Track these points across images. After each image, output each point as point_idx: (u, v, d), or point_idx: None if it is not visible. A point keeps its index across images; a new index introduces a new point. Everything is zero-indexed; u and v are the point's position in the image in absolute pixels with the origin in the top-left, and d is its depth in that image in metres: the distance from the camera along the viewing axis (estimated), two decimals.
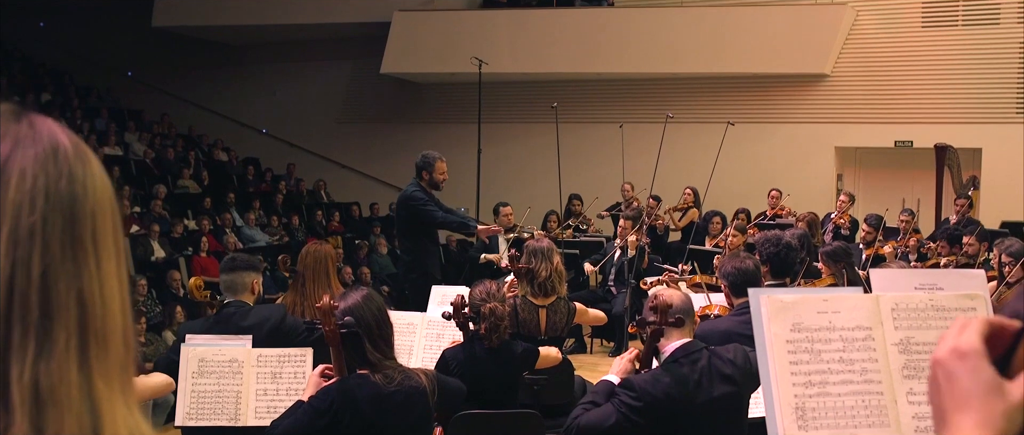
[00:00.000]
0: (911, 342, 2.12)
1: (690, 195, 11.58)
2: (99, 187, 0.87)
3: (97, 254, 0.85)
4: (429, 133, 15.28)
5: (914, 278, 2.34)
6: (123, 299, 0.88)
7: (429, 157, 7.35)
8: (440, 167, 7.30)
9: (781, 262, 5.33)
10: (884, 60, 12.63)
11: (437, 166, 7.29)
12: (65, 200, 0.83)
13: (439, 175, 7.30)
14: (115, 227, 0.89)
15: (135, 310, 4.45)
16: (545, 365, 4.39)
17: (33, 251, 0.80)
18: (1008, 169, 11.64)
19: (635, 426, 3.26)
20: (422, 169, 7.32)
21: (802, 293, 2.16)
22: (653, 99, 13.79)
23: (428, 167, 7.30)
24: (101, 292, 0.84)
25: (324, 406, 3.02)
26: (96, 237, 0.85)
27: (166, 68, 17.00)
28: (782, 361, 2.08)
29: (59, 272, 0.81)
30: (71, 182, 0.84)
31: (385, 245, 12.97)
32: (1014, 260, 5.55)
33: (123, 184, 12.45)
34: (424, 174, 7.30)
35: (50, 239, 0.81)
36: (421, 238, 7.36)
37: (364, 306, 3.11)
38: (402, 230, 7.67)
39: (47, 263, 0.80)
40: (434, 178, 7.29)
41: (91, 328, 0.83)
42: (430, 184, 7.32)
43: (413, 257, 7.38)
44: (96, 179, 0.87)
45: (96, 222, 0.85)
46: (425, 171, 7.30)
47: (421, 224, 7.29)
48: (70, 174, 0.84)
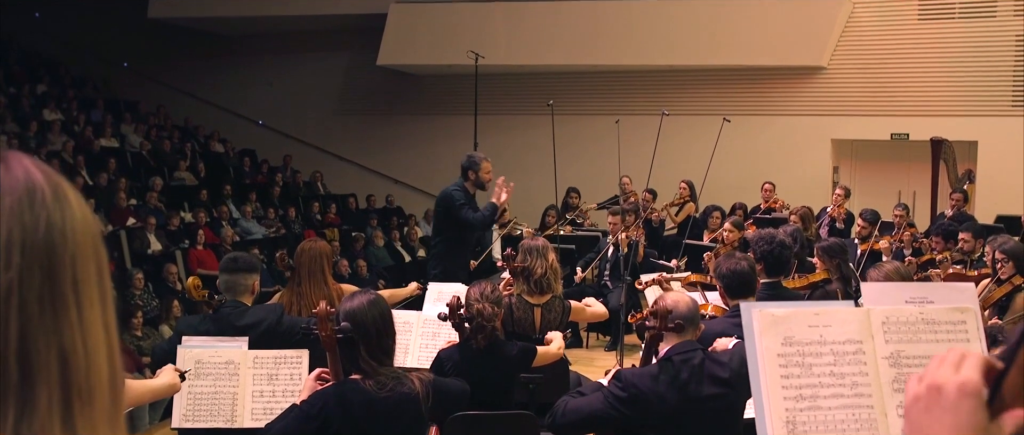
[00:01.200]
0: (901, 356, 2.14)
1: (685, 189, 11.58)
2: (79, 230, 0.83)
3: (79, 303, 0.82)
4: (426, 125, 15.32)
5: (905, 291, 2.36)
6: (109, 345, 0.85)
7: (475, 158, 7.31)
8: (486, 167, 7.25)
9: (775, 260, 5.37)
10: (880, 53, 12.64)
11: (483, 166, 7.25)
12: (42, 252, 0.79)
13: (485, 175, 7.26)
14: (98, 269, 0.86)
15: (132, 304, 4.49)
16: (545, 362, 4.37)
17: (9, 311, 0.77)
18: (1004, 162, 11.66)
19: (620, 416, 3.30)
20: (468, 169, 7.28)
21: (793, 307, 2.18)
22: (649, 92, 13.80)
23: (474, 167, 7.26)
24: (84, 344, 0.81)
25: (313, 411, 3.04)
26: (77, 286, 0.82)
27: (162, 59, 16.97)
28: (773, 375, 2.10)
29: (38, 330, 0.78)
30: (49, 230, 0.80)
31: (382, 237, 12.98)
32: (1007, 257, 5.57)
33: (119, 176, 12.45)
34: (470, 174, 7.26)
35: (27, 296, 0.78)
36: (452, 239, 7.36)
37: (367, 311, 3.11)
38: (437, 226, 7.67)
39: (25, 322, 0.77)
40: (480, 178, 7.24)
41: (74, 384, 0.80)
42: (476, 184, 7.28)
43: (441, 254, 7.41)
44: (76, 221, 0.83)
45: (77, 269, 0.82)
46: (471, 171, 7.26)
47: (455, 224, 7.29)
48: (48, 221, 0.80)
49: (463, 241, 7.47)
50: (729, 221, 8.31)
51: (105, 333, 0.85)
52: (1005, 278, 5.45)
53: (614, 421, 3.30)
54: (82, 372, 0.81)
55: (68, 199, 0.84)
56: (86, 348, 0.82)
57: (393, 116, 15.66)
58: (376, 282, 11.27)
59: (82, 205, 0.85)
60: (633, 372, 3.36)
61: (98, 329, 0.84)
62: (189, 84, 16.87)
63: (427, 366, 4.23)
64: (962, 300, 2.26)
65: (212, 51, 16.70)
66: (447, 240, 7.36)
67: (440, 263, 7.35)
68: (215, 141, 15.68)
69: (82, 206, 0.85)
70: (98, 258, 0.86)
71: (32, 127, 13.10)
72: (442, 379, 3.34)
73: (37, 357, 0.78)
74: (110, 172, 12.45)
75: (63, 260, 0.81)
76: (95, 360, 0.82)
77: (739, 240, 7.90)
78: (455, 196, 7.16)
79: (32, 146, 12.59)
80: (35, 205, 0.80)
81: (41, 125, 13.34)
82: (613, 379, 3.37)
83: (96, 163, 12.74)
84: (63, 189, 0.84)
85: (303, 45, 16.04)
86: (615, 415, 3.28)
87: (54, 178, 0.84)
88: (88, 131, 13.80)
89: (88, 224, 0.85)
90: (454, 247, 7.33)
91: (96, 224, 0.87)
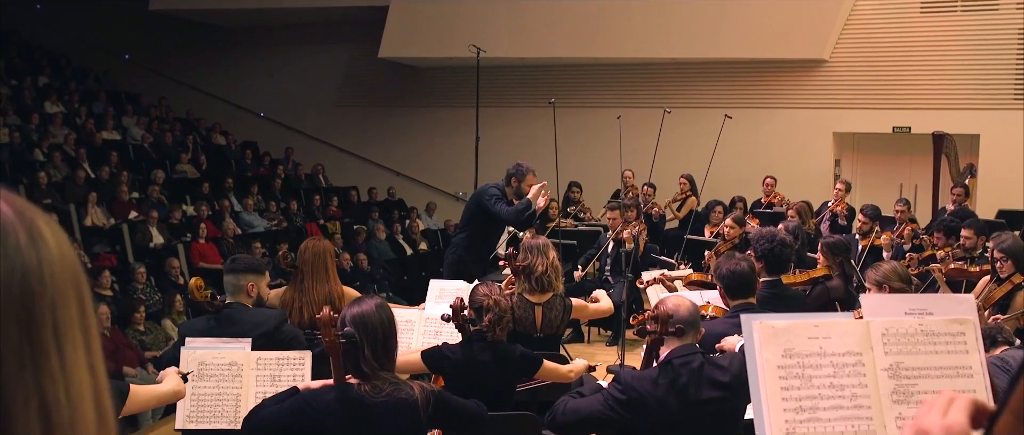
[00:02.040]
0: (900, 367, 2.15)
1: (686, 183, 11.58)
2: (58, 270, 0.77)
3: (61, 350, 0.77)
4: (427, 117, 15.32)
5: (904, 303, 2.37)
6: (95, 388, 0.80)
7: (523, 168, 7.25)
8: (530, 180, 7.21)
9: (776, 258, 5.40)
10: (883, 46, 12.62)
11: (528, 178, 7.19)
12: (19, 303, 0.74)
13: (527, 188, 7.23)
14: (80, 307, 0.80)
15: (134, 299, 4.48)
16: (553, 378, 4.35)
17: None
18: (1006, 156, 11.66)
19: (619, 418, 3.31)
20: (512, 176, 7.24)
21: (793, 319, 2.19)
22: (651, 85, 13.81)
23: (519, 176, 7.20)
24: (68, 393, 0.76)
25: (305, 407, 3.07)
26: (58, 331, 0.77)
27: (164, 51, 16.97)
28: (773, 387, 2.12)
29: (16, 388, 0.73)
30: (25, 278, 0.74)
31: (383, 230, 12.99)
32: (1005, 256, 5.59)
33: (121, 169, 12.47)
34: (513, 181, 7.22)
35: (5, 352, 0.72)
36: (477, 237, 7.35)
37: (376, 313, 3.13)
38: (465, 219, 7.65)
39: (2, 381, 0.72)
40: (522, 188, 7.19)
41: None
42: (516, 193, 7.26)
43: (461, 244, 7.41)
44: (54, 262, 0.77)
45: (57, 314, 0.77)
46: (515, 178, 7.21)
47: (484, 219, 7.28)
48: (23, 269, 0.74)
49: (487, 239, 7.45)
50: (730, 217, 8.31)
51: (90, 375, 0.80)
52: (1005, 276, 5.46)
53: (613, 423, 3.32)
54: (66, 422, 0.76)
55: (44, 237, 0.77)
56: (69, 397, 0.76)
57: (395, 108, 15.65)
58: (376, 278, 11.31)
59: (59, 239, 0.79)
60: (633, 375, 3.38)
61: (82, 373, 0.79)
62: (191, 76, 16.87)
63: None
64: (961, 312, 2.27)
65: (214, 43, 16.70)
66: (471, 235, 7.36)
67: (456, 252, 7.35)
68: (217, 133, 15.68)
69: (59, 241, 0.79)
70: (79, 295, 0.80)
71: (34, 120, 13.11)
72: (455, 398, 3.31)
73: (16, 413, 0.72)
74: (112, 165, 12.46)
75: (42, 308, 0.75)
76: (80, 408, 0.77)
77: (740, 236, 7.90)
78: (491, 192, 7.14)
79: (34, 139, 12.62)
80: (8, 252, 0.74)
81: (43, 118, 13.36)
82: (613, 381, 3.39)
83: (98, 156, 12.75)
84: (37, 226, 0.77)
85: (305, 37, 16.04)
86: (614, 417, 3.30)
87: (28, 214, 0.77)
88: (90, 124, 13.81)
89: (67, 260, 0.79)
90: (476, 242, 7.33)
91: (75, 258, 0.80)
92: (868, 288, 4.79)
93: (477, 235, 7.30)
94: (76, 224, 10.95)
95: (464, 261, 7.10)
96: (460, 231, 7.64)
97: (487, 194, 7.15)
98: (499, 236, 7.58)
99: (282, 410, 3.13)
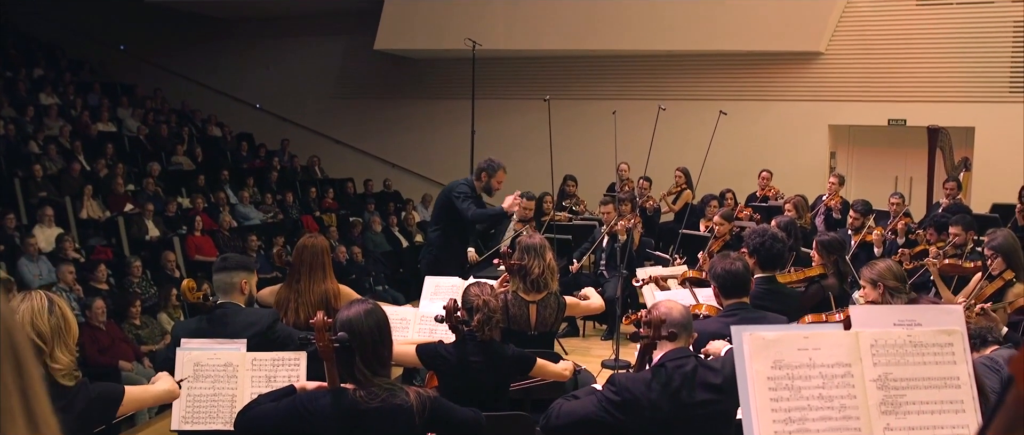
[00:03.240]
0: (889, 378, 2.17)
1: (681, 176, 11.60)
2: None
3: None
4: (423, 109, 15.31)
5: (893, 314, 2.39)
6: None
7: (494, 163, 7.33)
8: (500, 176, 7.29)
9: (767, 253, 5.44)
10: (878, 38, 12.62)
11: (498, 175, 7.28)
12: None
13: (496, 183, 7.30)
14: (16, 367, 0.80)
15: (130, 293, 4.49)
16: (546, 377, 4.37)
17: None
18: (1001, 149, 11.68)
19: (613, 420, 3.34)
20: (483, 171, 7.31)
21: (784, 330, 2.21)
22: (647, 77, 13.81)
23: (490, 172, 7.28)
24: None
25: (299, 409, 3.10)
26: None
27: (159, 42, 16.93)
28: (763, 397, 2.13)
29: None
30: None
31: (379, 223, 13.00)
32: (995, 253, 5.62)
33: (117, 161, 12.46)
34: (483, 175, 7.29)
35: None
36: (451, 234, 7.38)
37: (365, 319, 3.14)
38: (436, 217, 7.68)
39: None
40: (491, 184, 7.27)
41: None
42: (485, 188, 7.32)
43: (437, 248, 7.44)
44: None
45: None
46: (484, 173, 7.29)
47: (455, 216, 7.31)
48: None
49: (461, 235, 7.48)
50: (718, 214, 8.31)
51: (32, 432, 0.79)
52: (996, 273, 5.49)
53: (607, 425, 3.34)
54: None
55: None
56: None
57: (390, 100, 15.64)
58: (370, 273, 11.31)
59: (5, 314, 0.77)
60: (627, 377, 3.41)
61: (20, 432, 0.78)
62: (186, 67, 16.83)
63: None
64: (949, 322, 2.29)
65: (209, 34, 16.66)
66: (444, 231, 7.39)
67: (432, 251, 7.39)
68: (212, 125, 15.67)
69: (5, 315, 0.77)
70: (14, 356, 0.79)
71: (29, 112, 13.08)
72: (452, 405, 3.31)
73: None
74: (107, 157, 12.45)
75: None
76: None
77: (731, 232, 7.92)
78: (460, 189, 7.19)
79: (29, 131, 12.59)
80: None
81: (38, 109, 13.33)
82: (607, 383, 3.42)
83: (93, 148, 12.73)
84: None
85: (300, 29, 16.01)
86: (608, 419, 3.33)
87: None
88: (85, 115, 13.78)
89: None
90: (450, 239, 7.36)
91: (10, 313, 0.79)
92: (863, 285, 4.82)
93: (450, 231, 7.33)
94: (72, 217, 10.95)
95: (441, 261, 7.12)
96: (432, 227, 7.67)
97: (456, 191, 7.20)
98: (472, 230, 7.57)
99: (278, 410, 3.15)
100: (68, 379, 3.05)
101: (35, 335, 3.00)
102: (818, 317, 4.95)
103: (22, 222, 10.38)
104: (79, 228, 10.84)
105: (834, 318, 4.82)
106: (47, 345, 3.02)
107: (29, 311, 3.03)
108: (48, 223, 10.12)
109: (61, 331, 3.06)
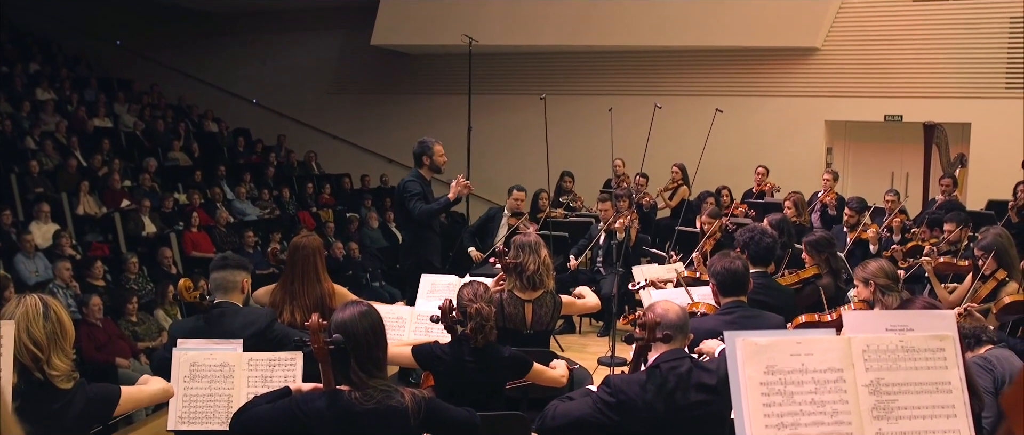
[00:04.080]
0: (881, 383, 2.19)
1: (678, 172, 11.62)
2: None
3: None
4: (420, 104, 15.31)
5: (885, 319, 2.40)
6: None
7: (426, 143, 7.35)
8: (438, 150, 7.31)
9: (756, 247, 5.54)
10: (875, 34, 12.63)
11: (435, 150, 7.30)
12: None
13: (439, 158, 7.32)
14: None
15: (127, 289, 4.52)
16: (542, 381, 4.36)
17: None
18: (997, 145, 11.70)
19: (608, 421, 3.36)
20: (421, 155, 7.32)
21: (777, 336, 2.22)
22: (643, 72, 13.82)
23: (427, 152, 7.31)
24: None
25: (295, 411, 3.11)
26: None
27: (155, 37, 16.90)
28: (755, 403, 2.15)
29: None
30: None
31: (376, 218, 13.00)
32: (985, 253, 5.64)
33: (113, 157, 12.45)
34: (424, 159, 7.31)
35: None
36: (422, 233, 7.39)
37: (360, 321, 3.15)
38: (400, 221, 7.70)
39: None
40: (434, 162, 7.30)
41: None
42: (432, 168, 7.32)
43: (412, 243, 7.45)
44: None
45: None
46: (425, 156, 7.31)
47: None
48: None
49: (433, 230, 7.48)
50: (705, 214, 8.32)
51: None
52: (989, 274, 5.50)
53: (602, 426, 3.35)
54: None
55: None
56: None
57: (387, 95, 15.64)
58: (367, 267, 11.31)
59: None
60: (622, 378, 3.42)
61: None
62: (183, 62, 16.82)
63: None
64: (941, 328, 2.30)
65: (206, 29, 16.63)
66: (414, 232, 7.40)
67: (411, 255, 7.39)
68: (209, 120, 15.65)
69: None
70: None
71: (25, 107, 13.06)
72: (447, 406, 3.31)
73: None
74: (104, 153, 12.44)
75: None
76: None
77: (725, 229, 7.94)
78: (409, 188, 7.19)
79: (26, 126, 12.58)
80: None
81: (34, 105, 13.31)
82: (602, 384, 3.43)
83: (90, 144, 12.72)
84: None
85: (297, 24, 15.99)
86: (603, 420, 3.34)
87: None
88: (81, 111, 13.77)
89: None
90: (422, 237, 7.36)
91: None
92: (856, 284, 4.84)
93: (420, 230, 7.33)
94: (68, 213, 10.94)
95: (424, 260, 7.13)
96: (402, 230, 7.66)
97: (405, 190, 7.20)
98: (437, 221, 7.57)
99: (274, 411, 3.16)
100: (65, 382, 3.06)
101: (31, 343, 2.99)
102: (811, 317, 4.97)
103: (18, 218, 10.37)
104: (75, 224, 10.84)
105: (826, 318, 4.85)
106: (43, 353, 3.01)
107: (24, 318, 3.01)
108: (44, 219, 10.12)
109: (57, 337, 3.06)
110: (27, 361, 2.98)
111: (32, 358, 2.99)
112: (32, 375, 3.00)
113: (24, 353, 2.97)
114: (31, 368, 2.99)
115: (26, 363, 2.98)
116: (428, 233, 7.43)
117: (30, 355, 2.98)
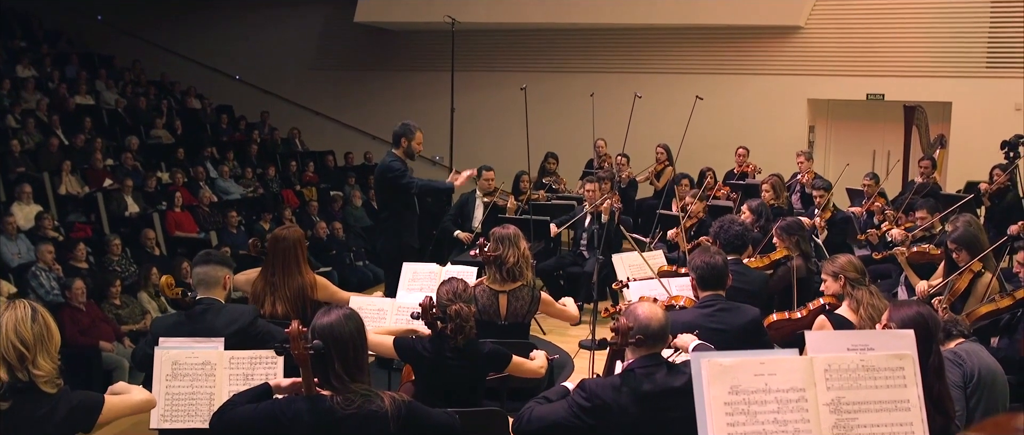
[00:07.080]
0: (842, 402, 2.26)
1: (663, 153, 11.67)
2: None
3: None
4: (402, 81, 15.29)
5: (847, 339, 2.47)
6: None
7: (409, 126, 7.38)
8: (418, 137, 7.37)
9: (726, 235, 5.85)
10: (857, 13, 12.66)
11: (417, 136, 7.34)
12: None
13: (417, 145, 7.37)
14: None
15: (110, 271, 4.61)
16: (522, 374, 4.43)
17: None
18: (978, 124, 11.79)
19: (584, 426, 3.42)
20: (401, 136, 7.35)
21: (741, 357, 2.28)
22: (626, 51, 13.82)
23: (408, 135, 7.34)
24: None
25: (277, 414, 3.16)
26: None
27: (137, 12, 16.76)
28: (719, 422, 2.21)
29: None
30: None
31: (360, 197, 12.99)
32: (958, 246, 5.71)
33: (95, 135, 12.38)
34: (403, 141, 7.34)
35: None
36: (399, 208, 7.43)
37: (343, 325, 3.20)
38: (382, 201, 7.72)
39: None
40: (412, 147, 7.35)
41: None
42: (407, 153, 7.37)
43: (390, 225, 7.49)
44: None
45: None
46: (404, 138, 7.34)
47: (400, 194, 7.35)
48: None
49: (412, 211, 7.51)
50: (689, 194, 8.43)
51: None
52: (962, 266, 5.57)
53: (578, 430, 3.41)
54: None
55: None
56: None
57: (371, 72, 15.60)
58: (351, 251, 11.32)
59: None
60: (596, 382, 3.47)
61: None
62: (165, 38, 16.69)
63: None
64: (901, 347, 2.37)
65: (188, 4, 16.51)
66: (396, 214, 7.43)
67: (393, 238, 7.42)
68: (192, 97, 15.57)
69: None
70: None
71: (5, 85, 12.95)
72: (427, 409, 3.35)
73: None
74: (86, 132, 12.38)
75: None
76: None
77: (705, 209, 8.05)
78: (395, 167, 7.23)
79: (6, 104, 12.49)
80: None
81: (14, 82, 13.21)
82: (577, 388, 3.48)
83: (71, 122, 12.65)
84: None
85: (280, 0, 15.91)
86: (579, 425, 3.40)
87: None
88: (62, 88, 13.67)
89: None
90: (403, 218, 7.40)
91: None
92: (824, 279, 4.93)
93: (401, 212, 7.37)
94: (50, 193, 10.90)
95: (403, 244, 7.18)
96: (383, 213, 7.70)
97: (391, 170, 7.24)
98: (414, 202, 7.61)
99: (255, 414, 3.21)
100: (50, 386, 3.16)
101: (18, 342, 3.12)
102: (782, 315, 5.06)
103: (0, 199, 10.33)
104: (58, 204, 10.80)
105: (795, 316, 4.94)
106: (30, 352, 3.14)
107: (12, 318, 3.16)
108: (26, 200, 10.07)
109: (44, 339, 3.18)
110: (13, 359, 3.12)
111: (18, 356, 3.12)
112: (17, 375, 3.10)
113: (11, 351, 3.11)
114: (16, 367, 3.10)
115: (12, 361, 3.11)
116: (408, 215, 7.48)
117: (16, 353, 3.11)
